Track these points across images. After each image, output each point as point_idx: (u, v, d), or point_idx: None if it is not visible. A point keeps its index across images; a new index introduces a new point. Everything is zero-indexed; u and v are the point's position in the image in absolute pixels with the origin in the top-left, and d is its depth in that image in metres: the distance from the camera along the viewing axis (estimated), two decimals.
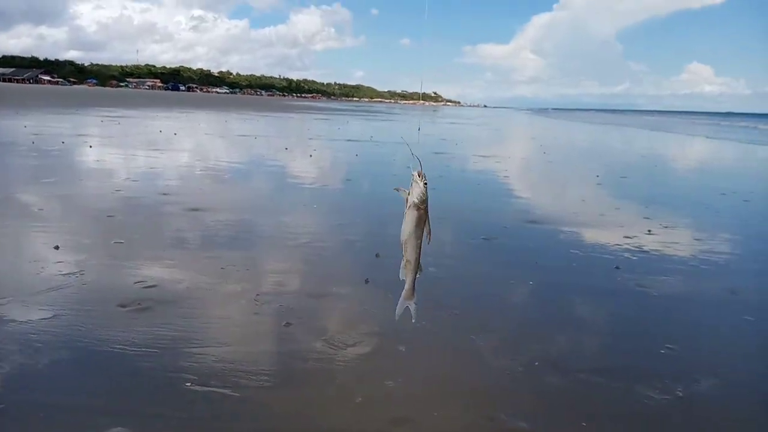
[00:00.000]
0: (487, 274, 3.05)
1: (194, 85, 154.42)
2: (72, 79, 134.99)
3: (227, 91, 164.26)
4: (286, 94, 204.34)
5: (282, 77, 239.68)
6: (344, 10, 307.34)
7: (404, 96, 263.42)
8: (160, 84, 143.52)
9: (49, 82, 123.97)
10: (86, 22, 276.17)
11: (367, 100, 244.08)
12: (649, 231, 4.09)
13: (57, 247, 2.90)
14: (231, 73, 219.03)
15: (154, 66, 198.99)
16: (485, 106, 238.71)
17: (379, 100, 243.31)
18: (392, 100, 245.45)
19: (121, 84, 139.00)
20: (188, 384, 1.67)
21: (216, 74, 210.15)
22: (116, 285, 2.45)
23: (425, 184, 1.45)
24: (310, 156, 7.74)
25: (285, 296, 2.44)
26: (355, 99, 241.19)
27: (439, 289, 2.68)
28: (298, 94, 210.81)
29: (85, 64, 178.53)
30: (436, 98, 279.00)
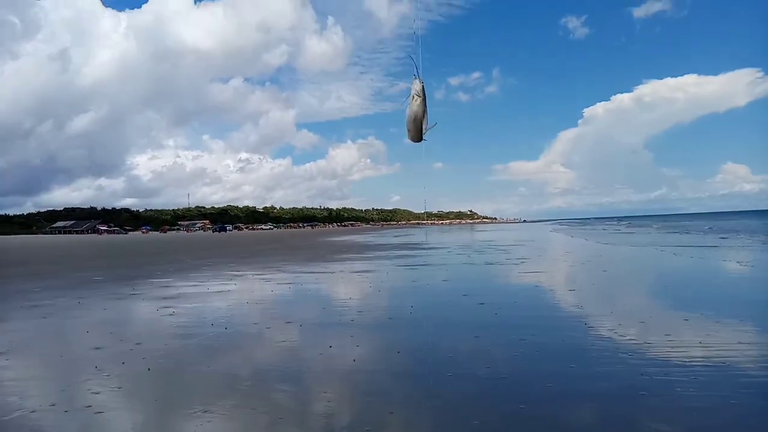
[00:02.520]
0: None
1: (241, 225, 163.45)
2: (127, 227, 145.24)
3: (271, 226, 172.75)
4: (326, 223, 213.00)
5: (323, 207, 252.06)
6: (378, 141, 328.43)
7: (440, 216, 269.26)
8: (209, 225, 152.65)
9: (106, 231, 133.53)
10: (142, 172, 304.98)
11: (404, 222, 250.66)
12: None
13: None
14: (275, 208, 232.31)
15: (203, 207, 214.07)
16: (524, 221, 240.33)
17: (416, 222, 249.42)
18: (429, 222, 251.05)
19: (173, 228, 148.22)
20: None
21: (261, 210, 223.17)
22: None
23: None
24: (353, 360, 7.76)
25: None
26: (393, 222, 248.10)
27: None
28: (339, 223, 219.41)
29: (140, 210, 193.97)
30: (472, 216, 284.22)
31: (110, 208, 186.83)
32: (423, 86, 3.30)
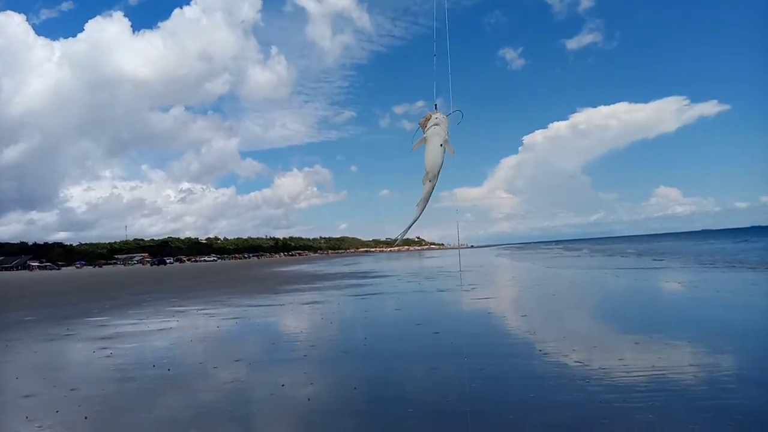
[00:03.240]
0: None
1: (182, 257, 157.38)
2: (60, 262, 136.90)
3: (214, 258, 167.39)
4: (273, 253, 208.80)
5: (269, 237, 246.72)
6: (325, 170, 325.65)
7: (388, 243, 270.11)
8: (148, 258, 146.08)
9: (38, 267, 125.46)
10: (76, 204, 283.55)
11: (353, 250, 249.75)
12: None
13: None
14: (218, 239, 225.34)
15: (142, 240, 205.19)
16: (471, 246, 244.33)
17: (365, 249, 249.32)
18: (377, 249, 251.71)
19: (110, 262, 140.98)
20: None
21: (203, 241, 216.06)
22: None
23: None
24: (308, 400, 7.39)
25: None
26: (341, 251, 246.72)
27: None
28: (286, 252, 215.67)
29: (74, 245, 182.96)
30: (419, 243, 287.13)
31: (42, 243, 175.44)
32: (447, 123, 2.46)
